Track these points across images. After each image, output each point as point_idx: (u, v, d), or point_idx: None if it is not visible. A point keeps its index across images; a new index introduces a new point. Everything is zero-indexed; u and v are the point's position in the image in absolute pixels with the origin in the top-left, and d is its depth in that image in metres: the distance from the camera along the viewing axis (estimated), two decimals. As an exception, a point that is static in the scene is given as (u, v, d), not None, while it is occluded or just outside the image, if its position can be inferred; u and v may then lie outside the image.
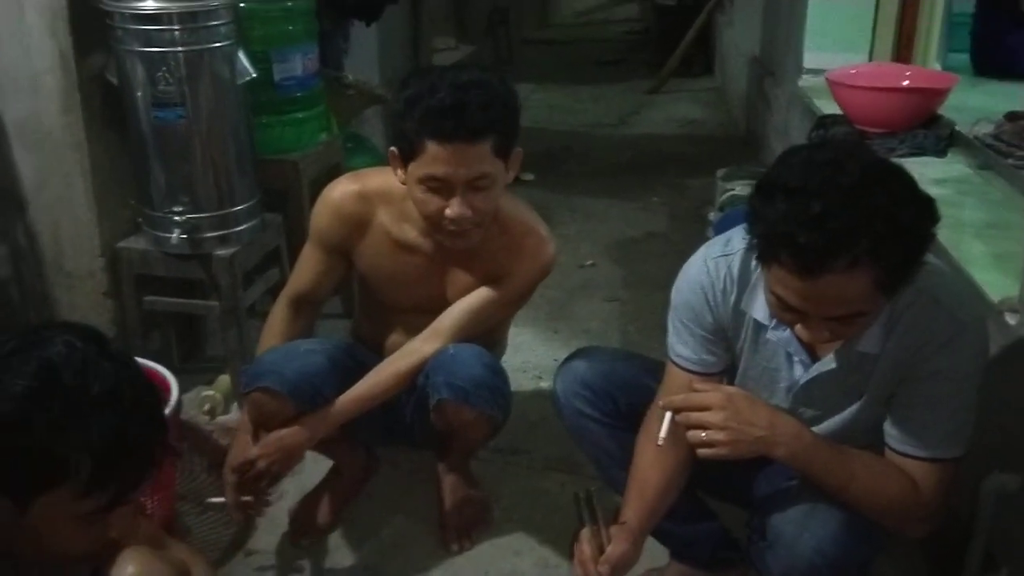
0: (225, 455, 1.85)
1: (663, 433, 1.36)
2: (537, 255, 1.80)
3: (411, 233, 1.80)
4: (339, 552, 1.96)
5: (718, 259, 1.47)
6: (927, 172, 2.34)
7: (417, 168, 1.64)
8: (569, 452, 2.14)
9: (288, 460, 1.77)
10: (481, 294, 1.81)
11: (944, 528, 1.50)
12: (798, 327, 1.28)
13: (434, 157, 1.61)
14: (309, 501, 2.04)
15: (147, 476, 1.03)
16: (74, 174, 2.19)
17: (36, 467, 0.94)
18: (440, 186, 1.64)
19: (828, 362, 1.38)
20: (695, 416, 1.33)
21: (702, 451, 1.33)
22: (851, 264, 1.14)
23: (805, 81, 3.38)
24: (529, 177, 4.18)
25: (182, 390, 2.10)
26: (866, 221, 1.13)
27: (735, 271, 1.44)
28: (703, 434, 1.33)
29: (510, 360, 2.54)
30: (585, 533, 1.44)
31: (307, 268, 1.90)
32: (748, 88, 4.77)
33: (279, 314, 1.92)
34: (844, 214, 1.13)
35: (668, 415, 1.36)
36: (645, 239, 3.54)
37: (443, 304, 1.84)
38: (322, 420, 1.76)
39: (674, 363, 1.55)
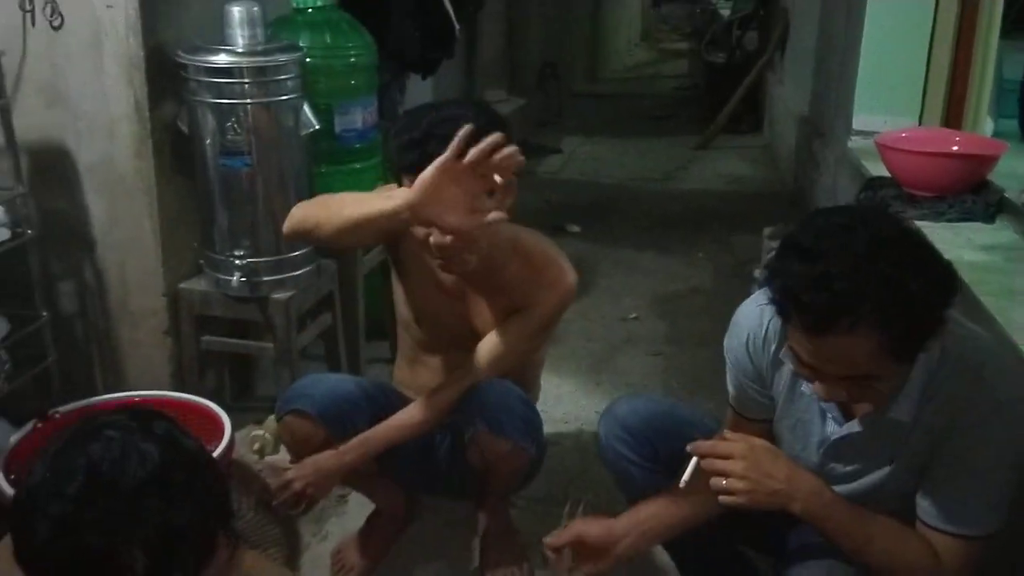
0: (273, 494, 1.90)
1: (686, 476, 1.40)
2: (557, 284, 1.83)
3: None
4: (378, 593, 2.00)
5: (764, 307, 1.49)
6: (975, 238, 2.34)
7: None
8: (608, 503, 2.15)
9: (322, 483, 1.82)
10: (506, 328, 1.85)
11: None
12: (816, 384, 1.30)
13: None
14: (351, 542, 2.08)
15: (209, 561, 0.98)
16: (143, 216, 2.28)
17: (89, 568, 0.93)
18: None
19: (855, 424, 1.40)
20: (718, 464, 1.37)
21: (722, 498, 1.37)
22: (852, 327, 1.17)
23: (854, 143, 3.40)
24: (575, 229, 4.25)
25: (235, 429, 2.18)
26: (869, 286, 1.16)
27: (778, 322, 1.47)
28: (724, 481, 1.35)
29: (552, 411, 2.58)
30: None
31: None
32: (797, 147, 4.80)
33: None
34: (848, 278, 1.16)
35: (693, 460, 1.39)
36: (689, 294, 3.56)
37: (470, 338, 1.87)
38: (356, 447, 1.82)
39: (732, 408, 1.60)
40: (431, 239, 1.65)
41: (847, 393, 1.29)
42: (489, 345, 1.86)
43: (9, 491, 1.87)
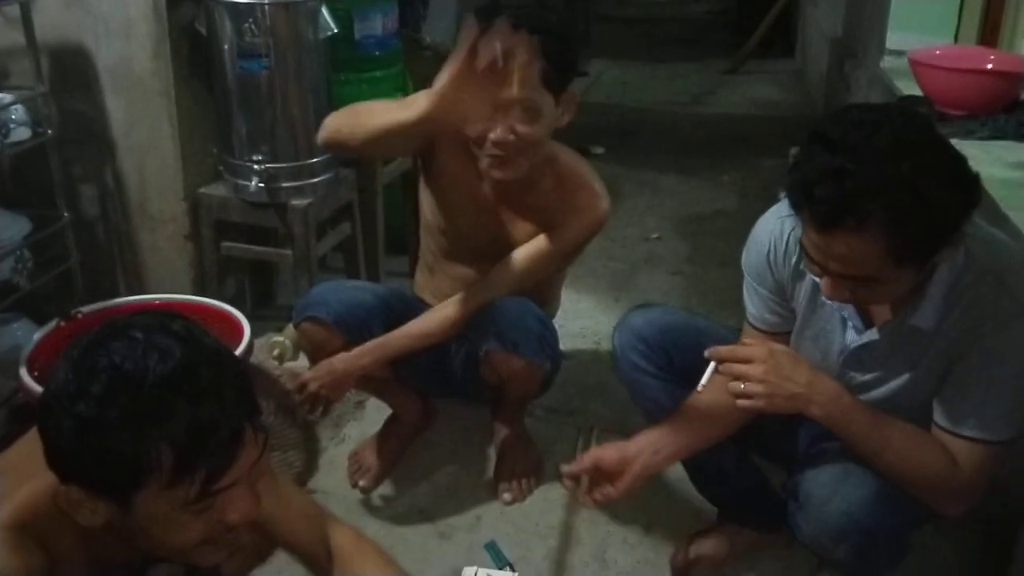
0: (292, 400, 1.93)
1: (704, 380, 1.39)
2: (590, 210, 1.82)
3: (478, 163, 1.77)
4: (395, 494, 2.04)
5: (785, 218, 1.47)
6: (1006, 156, 2.28)
7: None
8: (622, 415, 2.18)
9: (336, 384, 1.84)
10: (532, 246, 1.84)
11: (998, 509, 1.49)
12: (823, 281, 1.29)
13: None
14: (368, 446, 2.12)
15: (237, 455, 0.97)
16: (161, 119, 2.28)
17: (118, 466, 0.93)
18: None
19: (875, 332, 1.38)
20: (737, 368, 1.36)
21: (740, 402, 1.36)
22: (858, 226, 1.15)
23: (887, 62, 3.31)
24: (599, 151, 4.20)
25: (255, 336, 2.20)
26: (882, 186, 1.13)
27: (800, 231, 1.45)
28: (742, 386, 1.35)
29: (570, 326, 2.59)
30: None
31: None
32: (828, 69, 4.68)
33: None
34: (862, 175, 1.14)
35: (712, 365, 1.38)
36: (712, 216, 3.53)
37: (495, 252, 1.86)
38: (370, 351, 1.83)
39: (749, 323, 1.58)
40: (492, 135, 1.65)
41: (850, 293, 1.27)
42: (512, 262, 1.85)
43: (32, 386, 1.91)
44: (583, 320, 2.69)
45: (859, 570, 1.56)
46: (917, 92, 2.71)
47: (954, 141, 2.34)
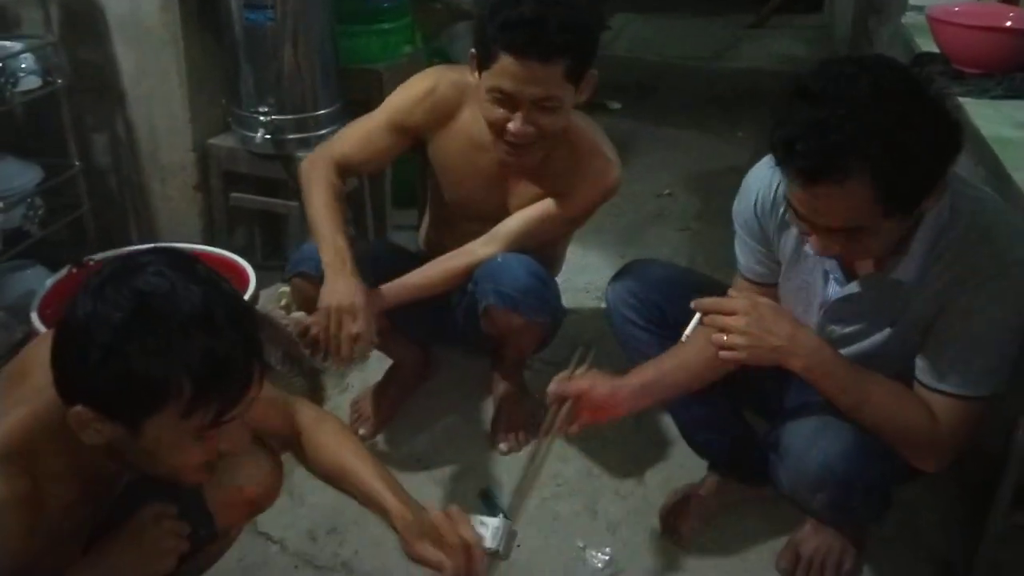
0: (298, 348, 1.97)
1: (688, 331, 1.40)
2: (601, 177, 1.82)
3: (488, 136, 1.77)
4: (393, 442, 2.08)
5: (775, 169, 1.47)
6: (1016, 115, 2.24)
7: (488, 77, 1.65)
8: (620, 369, 2.19)
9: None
10: (541, 208, 1.84)
11: (979, 464, 1.51)
12: (812, 238, 1.29)
13: (504, 70, 1.61)
14: (369, 394, 2.16)
15: (247, 391, 1.04)
16: (170, 70, 2.30)
17: (137, 392, 0.97)
18: (506, 99, 1.65)
19: (855, 285, 1.39)
20: (720, 319, 1.37)
21: (722, 353, 1.37)
22: (843, 177, 1.15)
23: (908, 18, 3.23)
24: (616, 106, 4.17)
25: (262, 286, 2.25)
26: (865, 136, 1.13)
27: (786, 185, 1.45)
28: (725, 337, 1.36)
29: (574, 280, 2.60)
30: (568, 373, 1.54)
31: (367, 140, 1.86)
32: (853, 25, 4.60)
33: (329, 178, 1.83)
34: (843, 126, 1.13)
35: (696, 316, 1.40)
36: (726, 172, 3.49)
37: (504, 215, 1.88)
38: (371, 299, 1.82)
39: (740, 273, 1.60)
40: (510, 126, 1.65)
41: (840, 247, 1.28)
42: (518, 221, 1.86)
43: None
44: (588, 275, 2.70)
45: (838, 521, 1.59)
46: (935, 50, 2.66)
47: (967, 99, 2.35)
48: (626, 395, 1.55)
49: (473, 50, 1.70)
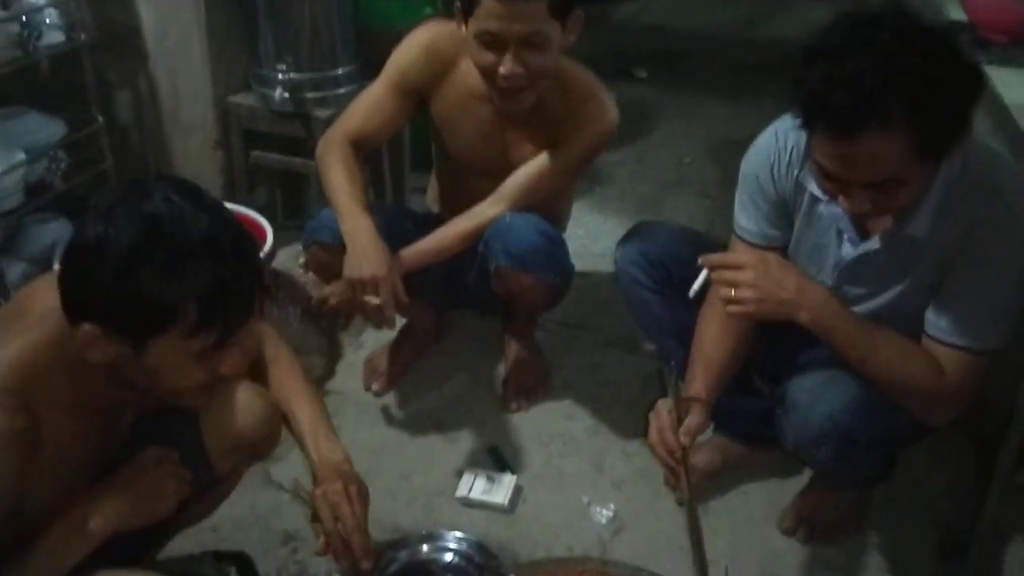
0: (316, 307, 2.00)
1: (696, 287, 1.41)
2: (597, 121, 1.82)
3: (484, 87, 1.79)
4: (405, 400, 2.11)
5: (788, 131, 1.47)
6: (1043, 83, 2.21)
7: (474, 23, 1.67)
8: (632, 332, 2.21)
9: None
10: (542, 160, 1.85)
11: (985, 426, 1.50)
12: (841, 199, 1.28)
13: (488, 12, 1.63)
14: (382, 352, 2.19)
15: (250, 317, 1.08)
16: (191, 28, 2.32)
17: (146, 313, 1.00)
18: (494, 41, 1.66)
19: (874, 242, 1.38)
20: (728, 274, 1.37)
21: (729, 308, 1.38)
22: (883, 124, 1.14)
23: (940, -14, 3.18)
24: (642, 74, 4.13)
25: (283, 245, 2.27)
26: (899, 80, 1.13)
27: (802, 144, 1.44)
28: (732, 292, 1.36)
29: (591, 245, 2.60)
30: (665, 403, 1.47)
31: (376, 109, 1.89)
32: (888, -5, 4.51)
33: (345, 152, 1.85)
34: (877, 73, 1.13)
35: (704, 272, 1.40)
36: (748, 141, 3.37)
37: (507, 168, 1.88)
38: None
39: (737, 236, 1.59)
40: (502, 69, 1.67)
41: (871, 203, 1.26)
42: (522, 176, 1.87)
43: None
44: (604, 241, 2.69)
45: (842, 477, 1.59)
46: (964, 18, 2.61)
47: (991, 68, 2.31)
48: (712, 408, 1.52)
49: (457, 3, 1.72)
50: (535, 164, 1.86)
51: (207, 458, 1.30)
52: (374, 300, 1.73)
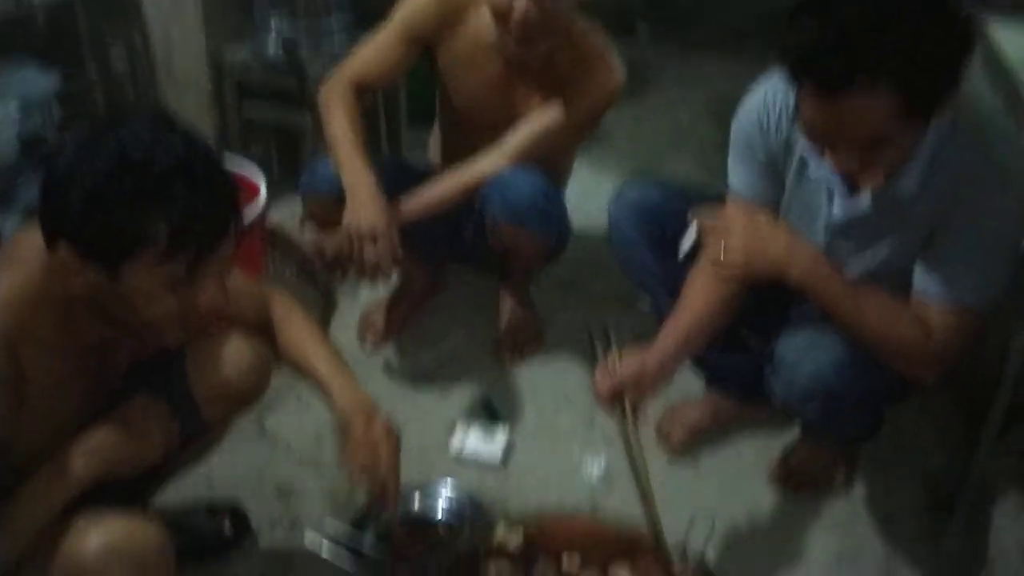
0: (312, 263, 2.00)
1: (686, 246, 1.41)
2: (605, 81, 1.81)
3: (493, 37, 1.77)
4: (401, 353, 2.12)
5: (778, 91, 1.46)
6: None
7: None
8: (626, 291, 2.21)
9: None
10: (547, 117, 1.84)
11: (975, 386, 1.50)
12: (828, 154, 1.27)
13: None
14: (378, 307, 2.19)
15: (222, 245, 1.08)
16: (184, -20, 2.30)
17: (116, 237, 1.02)
18: None
19: (864, 200, 1.37)
20: (717, 234, 1.37)
21: (718, 268, 1.37)
22: (871, 83, 1.12)
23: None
24: (645, 28, 4.07)
25: (278, 201, 2.26)
26: (887, 39, 1.11)
27: (791, 104, 1.43)
28: (721, 254, 1.36)
29: (587, 206, 2.58)
30: (601, 364, 1.47)
31: (382, 56, 1.87)
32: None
33: (348, 99, 1.84)
34: (864, 32, 1.11)
35: (694, 230, 1.39)
36: (749, 101, 3.44)
37: (511, 122, 1.87)
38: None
39: (729, 196, 1.57)
40: (516, 4, 1.64)
41: (859, 160, 1.25)
42: (525, 132, 1.86)
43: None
44: (600, 200, 2.63)
45: (829, 432, 1.60)
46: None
47: (996, 24, 2.28)
48: (672, 360, 1.49)
49: None
50: (539, 120, 1.85)
51: (195, 404, 1.31)
52: (373, 252, 1.73)
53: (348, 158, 1.78)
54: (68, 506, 1.10)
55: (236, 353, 1.35)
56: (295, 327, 1.39)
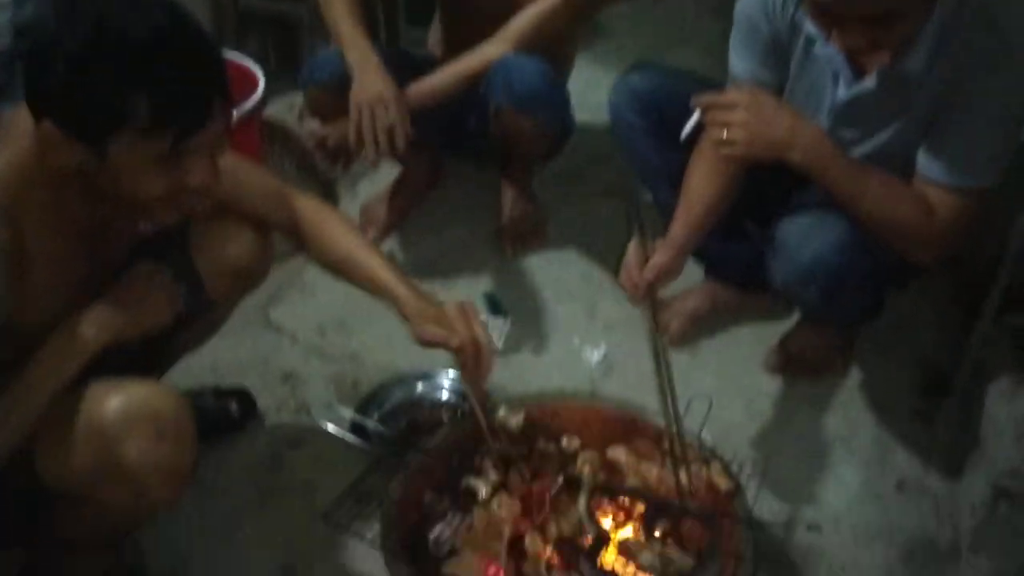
0: (312, 157, 1.99)
1: (687, 129, 1.39)
2: None
3: None
4: (402, 246, 2.13)
5: None
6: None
7: None
8: (627, 183, 2.20)
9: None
10: (547, 1, 1.81)
11: (975, 270, 1.51)
12: (835, 34, 1.25)
13: None
14: (379, 200, 2.19)
15: (206, 117, 1.04)
16: None
17: (97, 111, 0.99)
18: None
19: (870, 81, 1.36)
20: (720, 114, 1.35)
21: (721, 149, 1.36)
22: None
23: None
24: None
25: (275, 95, 2.23)
26: None
27: None
28: (724, 133, 1.35)
29: (588, 98, 2.55)
30: (633, 244, 1.48)
31: None
32: None
33: None
34: None
35: (696, 113, 1.38)
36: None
37: (513, 9, 1.85)
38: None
39: (731, 79, 1.55)
40: None
41: (866, 38, 1.23)
42: (524, 19, 1.83)
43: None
44: (601, 94, 2.61)
45: (830, 314, 1.62)
46: None
47: None
48: (685, 249, 1.52)
49: None
50: (541, 4, 1.82)
51: (199, 279, 1.31)
52: (386, 119, 1.72)
53: (352, 37, 1.76)
54: (79, 378, 1.11)
55: (239, 232, 1.36)
56: (336, 229, 1.40)
